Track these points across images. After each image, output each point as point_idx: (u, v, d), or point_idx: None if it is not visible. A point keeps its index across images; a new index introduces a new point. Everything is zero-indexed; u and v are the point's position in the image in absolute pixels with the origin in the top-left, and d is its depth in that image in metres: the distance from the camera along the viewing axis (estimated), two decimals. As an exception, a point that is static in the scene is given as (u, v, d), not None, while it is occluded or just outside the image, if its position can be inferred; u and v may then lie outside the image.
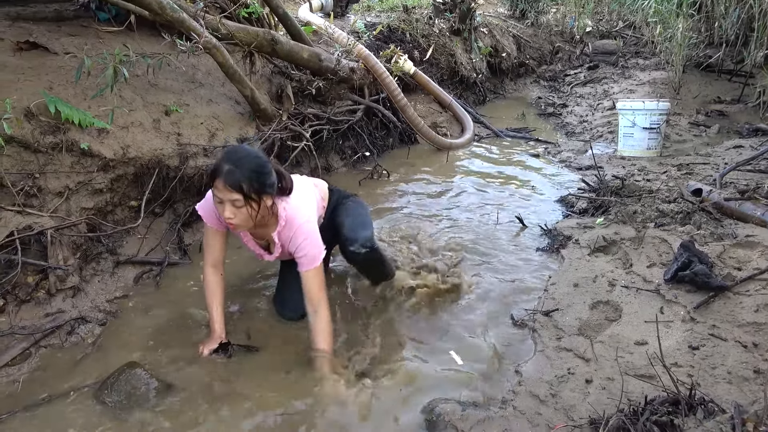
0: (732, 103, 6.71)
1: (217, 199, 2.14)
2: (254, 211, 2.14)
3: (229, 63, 3.62)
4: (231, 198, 2.08)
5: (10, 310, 2.44)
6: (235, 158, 2.10)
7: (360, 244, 2.48)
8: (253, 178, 2.09)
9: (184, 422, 2.03)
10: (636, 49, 9.35)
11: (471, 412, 2.02)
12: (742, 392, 1.95)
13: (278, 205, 2.30)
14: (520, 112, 7.68)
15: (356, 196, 2.84)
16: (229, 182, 2.05)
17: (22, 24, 3.28)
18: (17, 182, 2.60)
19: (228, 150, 2.26)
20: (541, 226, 3.70)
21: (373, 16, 7.06)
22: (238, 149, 2.25)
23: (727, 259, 2.74)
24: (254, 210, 2.14)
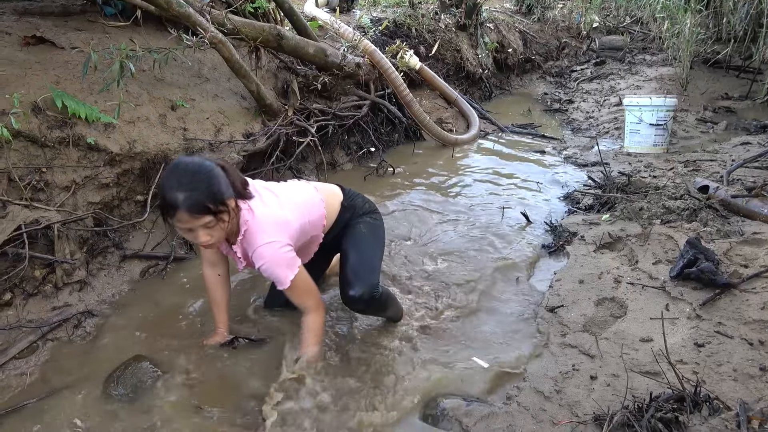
0: (740, 99, 6.68)
1: (183, 230, 1.94)
2: (226, 222, 1.95)
3: (235, 58, 3.62)
4: (201, 223, 1.88)
5: (18, 304, 2.46)
6: (185, 181, 1.85)
7: (360, 289, 2.21)
8: (212, 191, 1.88)
9: (190, 415, 2.04)
10: (643, 45, 9.31)
11: (475, 408, 2.03)
12: (748, 390, 1.94)
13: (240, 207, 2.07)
14: (526, 108, 7.66)
15: (375, 214, 2.57)
16: (193, 209, 1.84)
17: (29, 19, 3.29)
18: (24, 176, 2.61)
19: (169, 176, 1.90)
20: (547, 222, 3.69)
21: (378, 12, 7.04)
22: (178, 170, 1.90)
23: (733, 256, 2.73)
24: (225, 221, 1.95)
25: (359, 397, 2.14)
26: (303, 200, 2.28)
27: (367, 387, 2.19)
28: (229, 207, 1.95)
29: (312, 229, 2.31)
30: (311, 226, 2.29)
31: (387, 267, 3.08)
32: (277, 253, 2.05)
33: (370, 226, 2.49)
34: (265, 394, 2.13)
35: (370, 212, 2.55)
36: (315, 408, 2.07)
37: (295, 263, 2.10)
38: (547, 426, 1.92)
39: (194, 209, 1.84)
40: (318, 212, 2.33)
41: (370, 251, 2.40)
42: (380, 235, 2.53)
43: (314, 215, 2.30)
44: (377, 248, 2.47)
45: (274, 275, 2.08)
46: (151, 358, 2.31)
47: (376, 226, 2.53)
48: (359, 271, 2.28)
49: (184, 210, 1.83)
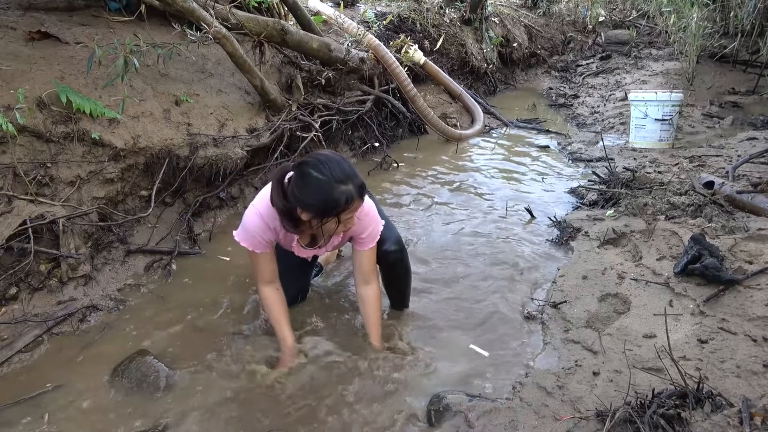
0: (746, 94, 6.63)
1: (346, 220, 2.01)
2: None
3: (239, 53, 3.62)
4: (359, 205, 2.02)
5: (23, 298, 2.48)
6: (349, 172, 1.94)
7: (394, 242, 2.44)
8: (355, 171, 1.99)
9: (193, 409, 2.05)
10: (649, 39, 9.25)
11: (478, 403, 2.03)
12: (751, 386, 1.94)
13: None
14: (531, 102, 7.63)
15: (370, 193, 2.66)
16: (363, 192, 2.00)
17: (34, 14, 3.30)
18: (29, 171, 2.62)
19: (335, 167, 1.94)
20: (551, 217, 3.69)
21: (383, 6, 7.02)
22: (340, 162, 1.97)
23: (738, 252, 2.71)
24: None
25: (362, 391, 2.15)
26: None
27: (370, 381, 2.20)
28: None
29: None
30: None
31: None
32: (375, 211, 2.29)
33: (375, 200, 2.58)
34: (271, 387, 2.15)
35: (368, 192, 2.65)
36: (318, 404, 2.08)
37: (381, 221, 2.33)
38: (549, 421, 1.92)
39: (363, 190, 2.00)
40: None
41: (385, 215, 2.55)
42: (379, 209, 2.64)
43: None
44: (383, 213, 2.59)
45: (375, 229, 2.27)
46: (155, 352, 2.32)
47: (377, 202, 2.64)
48: (389, 227, 2.48)
49: (359, 197, 1.96)
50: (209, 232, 3.42)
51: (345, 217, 1.99)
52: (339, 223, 2.01)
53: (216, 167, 3.46)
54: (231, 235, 2.31)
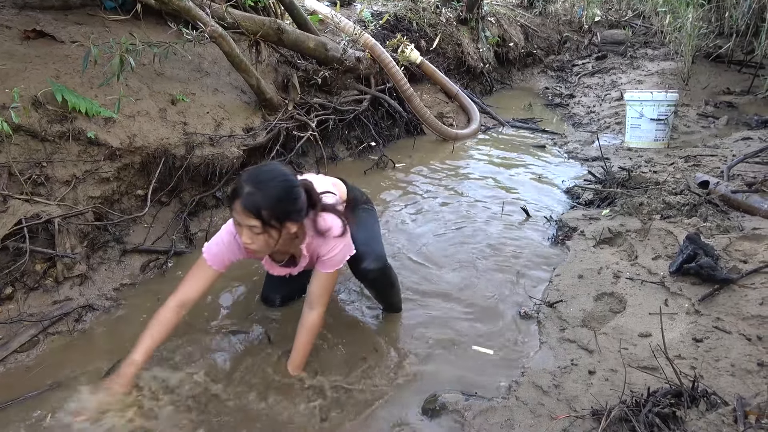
0: (741, 94, 6.66)
1: (235, 221, 1.96)
2: (273, 240, 1.95)
3: (235, 52, 3.61)
4: (249, 223, 1.88)
5: (19, 298, 2.47)
6: (258, 180, 1.89)
7: (373, 259, 2.32)
8: (275, 205, 1.87)
9: (189, 409, 2.05)
10: (645, 39, 9.27)
11: (474, 402, 2.04)
12: (745, 385, 1.95)
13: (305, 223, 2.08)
14: (527, 102, 7.64)
15: (370, 204, 2.65)
16: (247, 206, 1.85)
17: (29, 12, 3.29)
18: (25, 171, 2.62)
19: (252, 169, 2.00)
20: (547, 217, 3.70)
21: (379, 5, 7.02)
22: (264, 169, 1.97)
23: (732, 251, 2.73)
24: (273, 238, 1.94)
25: (359, 390, 2.15)
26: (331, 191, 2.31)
27: (367, 381, 2.21)
28: (283, 229, 1.94)
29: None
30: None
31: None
32: (346, 244, 2.16)
33: (370, 213, 2.58)
34: (266, 389, 2.15)
35: (366, 202, 2.63)
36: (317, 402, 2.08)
37: (353, 248, 2.21)
38: (545, 420, 1.93)
39: (248, 206, 1.85)
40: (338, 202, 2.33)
41: (374, 232, 2.50)
42: (375, 221, 2.62)
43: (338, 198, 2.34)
44: (378, 230, 2.57)
45: (339, 255, 2.13)
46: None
47: (373, 213, 2.63)
48: (370, 246, 2.37)
49: (240, 200, 1.87)
50: (205, 231, 3.42)
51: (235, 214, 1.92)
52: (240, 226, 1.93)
53: (212, 166, 3.46)
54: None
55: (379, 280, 2.45)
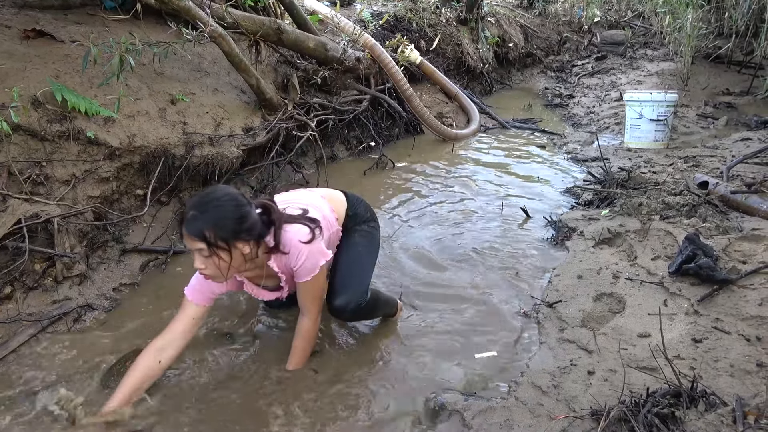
0: (741, 95, 6.66)
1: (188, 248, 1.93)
2: (225, 263, 1.88)
3: (235, 52, 3.61)
4: (196, 247, 1.84)
5: (18, 297, 2.47)
6: (200, 203, 1.86)
7: (347, 297, 2.21)
8: (218, 226, 1.82)
9: (188, 409, 2.05)
10: (644, 40, 9.28)
11: (473, 402, 2.04)
12: (744, 385, 1.95)
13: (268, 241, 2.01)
14: (527, 102, 7.65)
15: (373, 222, 2.52)
16: (190, 230, 1.82)
17: (29, 12, 3.29)
18: (24, 170, 2.62)
19: (197, 194, 1.99)
20: (546, 217, 3.70)
21: (379, 5, 7.02)
22: (208, 193, 1.93)
23: (732, 252, 2.73)
24: (225, 261, 1.87)
25: (359, 391, 2.15)
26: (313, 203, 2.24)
27: (367, 382, 2.21)
28: (234, 250, 1.88)
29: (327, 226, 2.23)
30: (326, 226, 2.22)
31: (383, 260, 3.09)
32: (315, 249, 2.03)
33: (366, 235, 2.46)
34: (266, 390, 2.15)
35: (369, 220, 2.50)
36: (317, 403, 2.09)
37: (324, 256, 2.07)
38: (545, 420, 1.93)
39: (191, 231, 1.82)
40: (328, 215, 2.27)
41: (361, 261, 2.37)
42: (375, 244, 2.51)
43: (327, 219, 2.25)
44: (370, 257, 2.45)
45: (308, 261, 2.02)
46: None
47: (372, 235, 2.49)
48: (347, 282, 2.26)
49: (185, 227, 1.84)
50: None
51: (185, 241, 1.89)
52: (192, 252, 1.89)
53: (212, 166, 3.46)
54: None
55: (353, 318, 2.37)
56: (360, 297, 2.23)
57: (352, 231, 2.41)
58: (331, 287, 2.26)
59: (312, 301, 2.15)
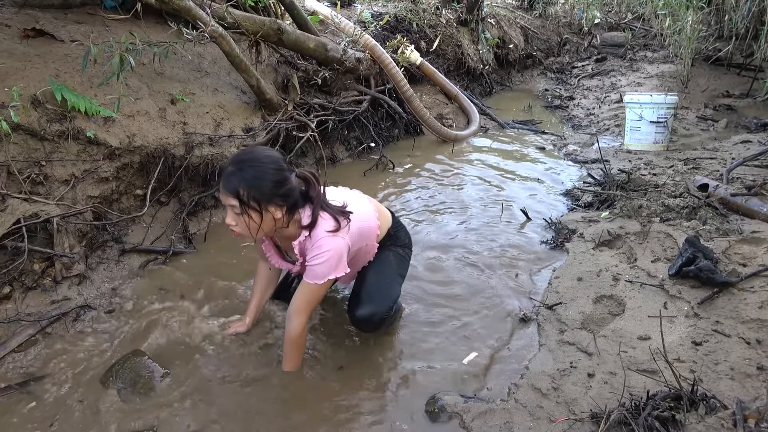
0: (741, 97, 6.67)
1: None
2: (255, 224, 1.92)
3: (235, 52, 3.61)
4: (229, 203, 1.89)
5: (17, 297, 2.47)
6: (240, 160, 1.91)
7: (370, 309, 2.20)
8: (254, 185, 1.86)
9: (188, 410, 2.05)
10: (645, 42, 9.28)
11: (473, 404, 2.03)
12: (745, 388, 1.95)
13: (301, 214, 2.03)
14: (527, 104, 7.65)
15: (408, 249, 2.52)
16: (226, 186, 1.87)
17: (29, 11, 3.28)
18: (24, 170, 2.61)
19: (240, 151, 2.05)
20: (546, 219, 3.70)
21: (379, 6, 7.02)
22: (250, 151, 1.99)
23: (732, 254, 2.73)
24: (255, 222, 1.92)
25: (358, 393, 2.15)
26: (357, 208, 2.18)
27: (366, 384, 2.20)
28: (266, 213, 1.92)
29: (366, 237, 2.24)
30: (367, 233, 2.23)
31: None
32: (337, 249, 2.00)
33: (400, 258, 2.46)
34: (264, 387, 2.15)
35: (406, 246, 2.51)
36: (313, 405, 2.08)
37: (339, 269, 2.04)
38: (544, 423, 1.93)
39: (226, 186, 1.88)
40: (372, 220, 2.27)
41: (392, 276, 2.37)
42: (405, 268, 2.51)
43: (370, 222, 2.26)
44: (399, 278, 2.44)
45: (320, 270, 2.00)
46: (150, 352, 2.31)
47: (404, 259, 2.50)
48: (375, 294, 2.25)
49: (222, 180, 1.89)
50: (204, 231, 3.41)
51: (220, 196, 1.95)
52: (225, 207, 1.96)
53: (212, 166, 3.45)
54: (226, 234, 2.30)
55: (376, 329, 2.30)
56: (386, 310, 2.25)
57: (387, 249, 2.42)
58: (357, 297, 2.25)
59: (306, 304, 2.10)
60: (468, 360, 2.35)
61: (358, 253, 2.26)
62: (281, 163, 1.95)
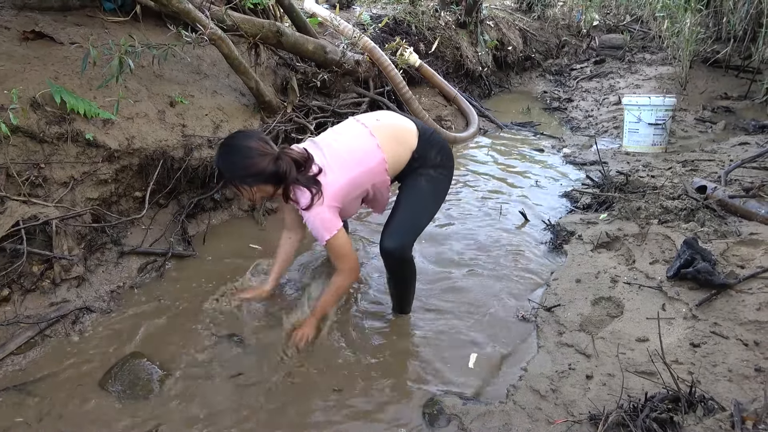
0: (739, 99, 6.68)
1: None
2: (249, 194, 2.26)
3: (235, 54, 3.61)
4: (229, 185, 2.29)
5: (16, 299, 2.47)
6: (222, 145, 2.25)
7: (389, 241, 2.38)
8: (226, 168, 2.22)
9: (186, 412, 2.05)
10: (643, 44, 9.30)
11: (472, 406, 2.04)
12: (743, 390, 1.95)
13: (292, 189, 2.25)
14: (526, 106, 7.66)
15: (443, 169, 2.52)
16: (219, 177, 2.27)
17: (28, 13, 3.28)
18: (23, 172, 2.61)
19: (227, 136, 2.38)
20: (545, 221, 3.70)
21: (378, 8, 7.03)
22: (234, 137, 2.30)
23: (730, 256, 2.73)
24: (249, 193, 2.25)
25: (355, 395, 2.15)
26: (352, 150, 2.34)
27: (364, 386, 2.20)
28: (246, 189, 2.23)
29: (370, 178, 2.36)
30: (368, 175, 2.35)
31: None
32: (319, 214, 2.23)
33: (433, 181, 2.49)
34: (261, 389, 2.15)
35: (439, 166, 2.51)
36: (312, 406, 2.08)
37: (333, 226, 2.24)
38: (543, 425, 1.93)
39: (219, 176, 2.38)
40: (375, 159, 2.35)
41: (419, 210, 2.46)
42: (439, 192, 2.55)
43: (370, 163, 2.34)
44: (429, 207, 2.51)
45: (315, 231, 2.27)
46: (149, 355, 2.31)
47: (439, 181, 2.53)
48: (400, 229, 2.41)
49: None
50: (203, 233, 3.41)
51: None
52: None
53: (211, 169, 3.45)
54: (225, 236, 2.33)
55: (389, 264, 2.48)
56: (405, 248, 2.42)
57: (418, 174, 2.48)
58: (386, 228, 2.44)
59: (336, 258, 2.36)
60: (467, 361, 2.35)
61: (367, 194, 2.43)
62: (252, 150, 2.20)
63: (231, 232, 3.48)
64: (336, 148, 2.34)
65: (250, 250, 3.25)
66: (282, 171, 2.21)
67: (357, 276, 2.49)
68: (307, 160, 2.26)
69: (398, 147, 2.41)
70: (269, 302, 2.72)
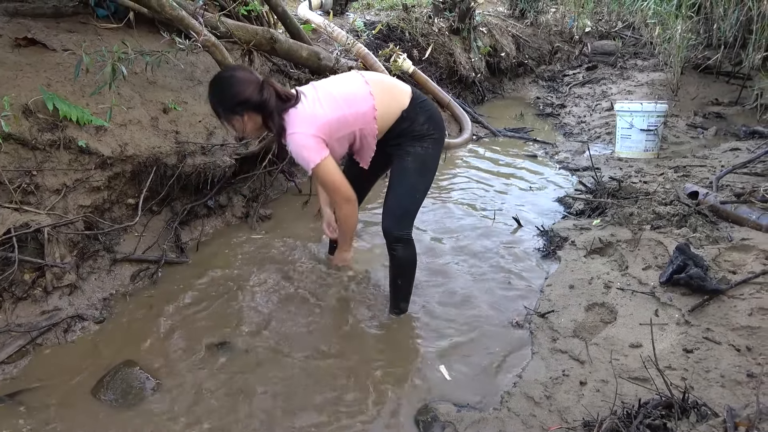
0: (730, 105, 6.73)
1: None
2: (241, 125, 2.35)
3: (228, 61, 3.61)
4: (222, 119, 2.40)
5: (7, 308, 2.45)
6: (213, 79, 2.37)
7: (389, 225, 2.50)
8: (214, 101, 2.34)
9: (179, 420, 2.04)
10: (635, 50, 9.35)
11: (466, 413, 2.04)
12: (735, 396, 1.96)
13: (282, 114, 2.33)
14: (519, 112, 7.69)
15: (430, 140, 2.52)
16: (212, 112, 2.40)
17: (21, 20, 3.28)
18: (15, 179, 2.60)
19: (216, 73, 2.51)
20: (538, 226, 3.71)
21: (372, 15, 7.05)
22: (221, 72, 2.47)
23: (722, 262, 2.75)
24: (235, 125, 2.37)
25: (350, 403, 2.14)
26: (344, 93, 2.40)
27: (358, 393, 2.20)
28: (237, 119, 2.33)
29: (358, 120, 2.40)
30: (357, 117, 2.39)
31: (376, 267, 3.08)
32: (300, 140, 2.30)
33: (420, 158, 2.52)
34: (253, 397, 2.14)
35: (425, 136, 2.51)
36: (303, 413, 2.08)
37: (319, 152, 2.31)
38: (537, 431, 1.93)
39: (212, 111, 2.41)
40: (366, 104, 2.40)
41: (409, 191, 2.52)
42: (427, 169, 2.58)
43: (361, 107, 2.39)
44: (419, 186, 2.55)
45: (299, 159, 2.34)
46: (141, 363, 2.30)
47: (426, 156, 2.54)
48: (393, 211, 2.51)
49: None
50: (197, 240, 3.40)
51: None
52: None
53: (204, 175, 3.45)
54: (218, 243, 2.33)
55: (397, 246, 2.52)
56: (402, 228, 2.51)
57: (404, 151, 2.52)
58: (384, 209, 2.54)
59: (328, 190, 2.47)
60: (460, 368, 2.35)
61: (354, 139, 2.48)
62: (236, 80, 2.30)
63: (225, 239, 3.47)
64: (329, 89, 2.42)
65: (244, 256, 3.24)
66: (264, 98, 2.29)
67: (354, 204, 2.48)
68: (290, 96, 2.35)
69: (390, 101, 2.45)
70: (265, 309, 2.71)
